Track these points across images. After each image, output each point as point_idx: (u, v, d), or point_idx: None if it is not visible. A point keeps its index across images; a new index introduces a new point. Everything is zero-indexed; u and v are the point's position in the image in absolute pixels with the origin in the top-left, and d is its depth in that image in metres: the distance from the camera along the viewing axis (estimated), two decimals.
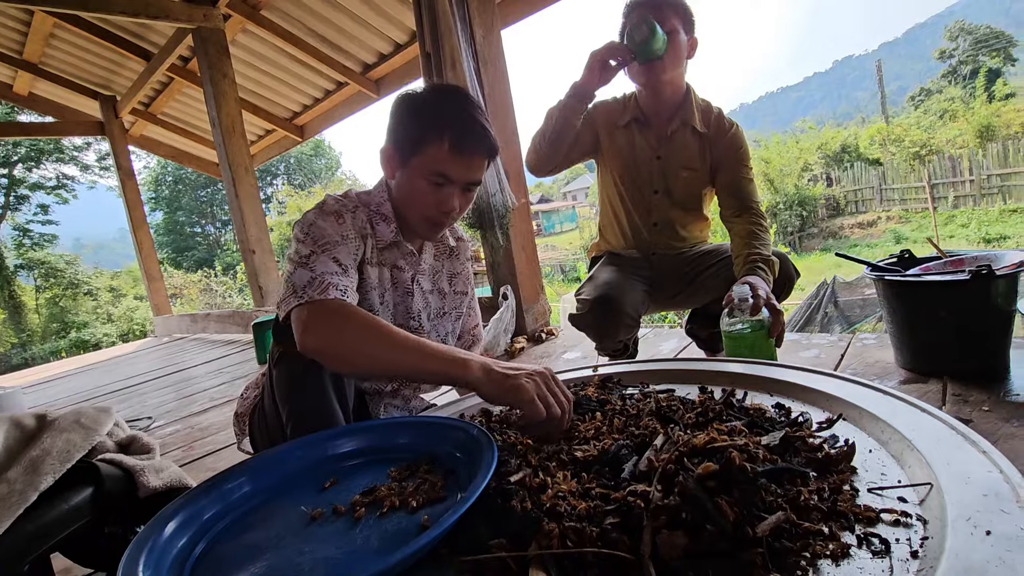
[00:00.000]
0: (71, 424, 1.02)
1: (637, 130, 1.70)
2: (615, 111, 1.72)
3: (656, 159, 1.69)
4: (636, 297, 1.64)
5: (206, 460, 1.87)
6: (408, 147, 1.07)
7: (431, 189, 1.08)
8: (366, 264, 1.15)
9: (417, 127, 1.06)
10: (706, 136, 1.66)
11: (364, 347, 0.92)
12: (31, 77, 5.47)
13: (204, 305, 18.27)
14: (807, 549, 0.54)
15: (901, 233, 16.67)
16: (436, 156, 1.05)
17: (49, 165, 19.88)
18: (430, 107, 1.07)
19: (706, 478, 0.59)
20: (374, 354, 0.91)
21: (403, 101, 1.10)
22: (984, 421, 1.14)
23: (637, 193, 1.75)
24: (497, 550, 0.60)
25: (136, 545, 0.65)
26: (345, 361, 0.93)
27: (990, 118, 19.40)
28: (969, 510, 0.52)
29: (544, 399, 0.84)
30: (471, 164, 1.07)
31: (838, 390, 0.87)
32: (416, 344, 0.92)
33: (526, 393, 0.83)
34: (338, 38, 4.26)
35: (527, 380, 0.84)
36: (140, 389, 3.53)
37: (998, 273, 1.27)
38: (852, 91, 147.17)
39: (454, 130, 1.04)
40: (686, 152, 1.68)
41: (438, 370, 0.90)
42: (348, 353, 0.92)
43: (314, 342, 0.93)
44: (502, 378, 0.85)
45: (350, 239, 1.07)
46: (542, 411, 0.83)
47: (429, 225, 1.14)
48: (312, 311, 0.94)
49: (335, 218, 1.08)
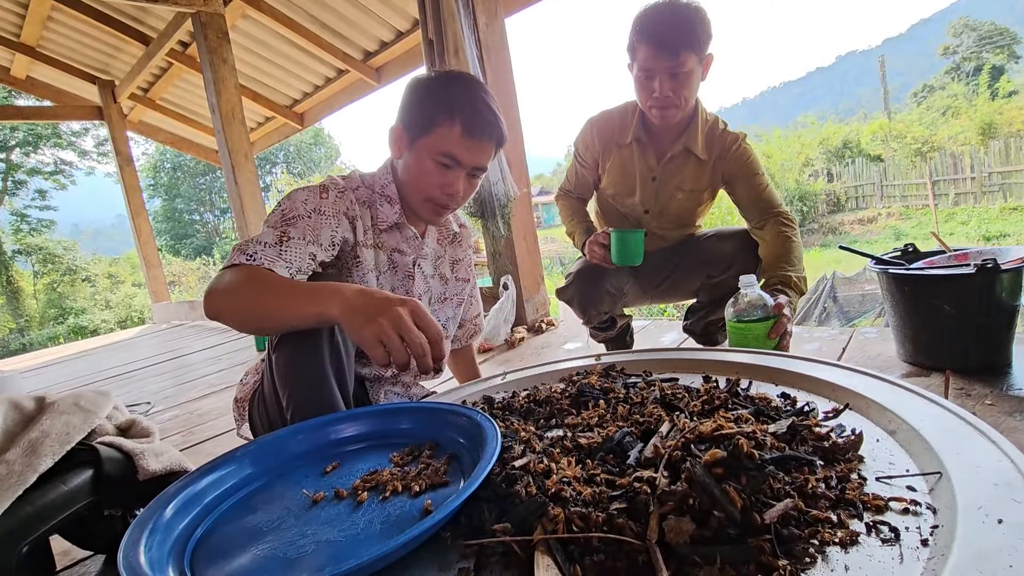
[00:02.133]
0: (70, 407, 1.01)
1: (637, 149, 1.64)
2: (617, 127, 1.66)
3: (652, 180, 1.66)
4: (621, 273, 1.71)
5: (205, 445, 1.87)
6: (418, 127, 1.08)
7: (437, 170, 1.08)
8: (360, 246, 1.14)
9: (429, 108, 1.06)
10: (706, 161, 1.61)
11: (239, 303, 0.91)
12: (29, 60, 5.40)
13: (202, 293, 18.24)
14: (815, 536, 0.53)
15: (901, 230, 16.64)
16: (446, 137, 1.05)
17: (47, 150, 19.73)
18: (443, 89, 1.07)
19: (713, 464, 0.58)
20: (245, 307, 0.91)
21: (416, 83, 1.10)
22: (987, 415, 1.13)
23: (628, 209, 1.74)
24: (501, 535, 0.59)
25: (137, 526, 0.64)
26: (231, 320, 0.93)
27: (992, 115, 19.35)
28: (980, 499, 0.52)
29: (388, 341, 0.77)
30: (480, 149, 1.07)
31: (844, 380, 0.86)
32: (287, 286, 0.90)
33: (368, 336, 0.77)
34: (339, 25, 4.21)
35: (375, 323, 0.77)
36: (138, 375, 3.52)
37: (1004, 267, 1.26)
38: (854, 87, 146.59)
39: (465, 113, 1.04)
40: (683, 174, 1.64)
41: (298, 310, 0.87)
42: (232, 312, 0.93)
43: (208, 308, 0.94)
44: (357, 318, 0.80)
45: (324, 214, 1.05)
46: (383, 356, 0.77)
47: (432, 207, 1.14)
48: (216, 279, 0.95)
49: (319, 192, 1.08)
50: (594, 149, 1.71)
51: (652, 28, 1.39)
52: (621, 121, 1.66)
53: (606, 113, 1.70)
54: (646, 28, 1.40)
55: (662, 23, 1.39)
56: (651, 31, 1.39)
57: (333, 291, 0.85)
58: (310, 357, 0.98)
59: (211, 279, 0.97)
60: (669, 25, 1.38)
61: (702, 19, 1.40)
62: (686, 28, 1.38)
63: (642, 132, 1.63)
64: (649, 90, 1.46)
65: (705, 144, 1.60)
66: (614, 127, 1.67)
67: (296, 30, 4.27)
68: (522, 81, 2.88)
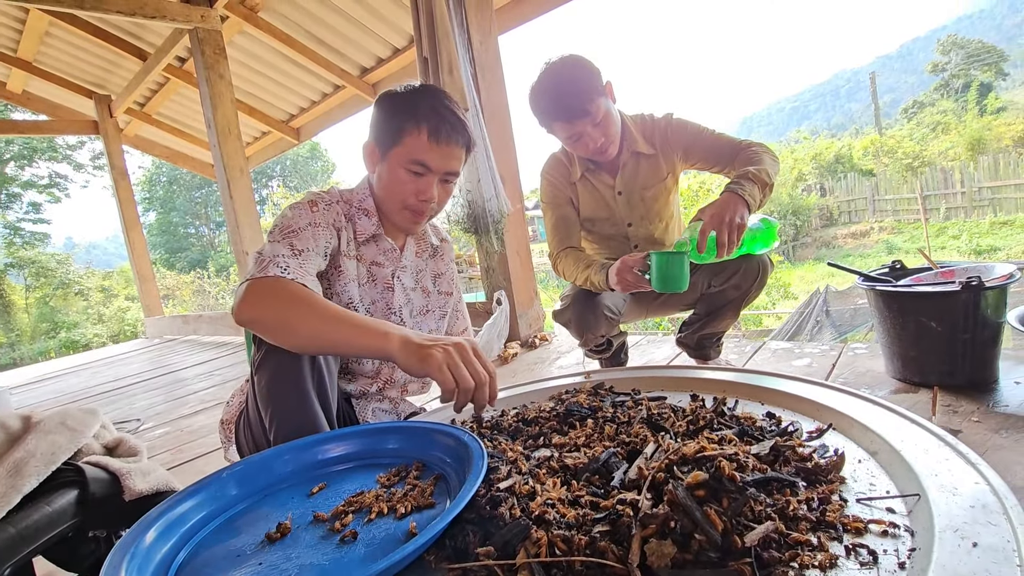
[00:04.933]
0: (56, 426, 1.00)
1: (592, 178, 1.70)
2: (566, 167, 1.72)
3: (618, 195, 1.70)
4: (617, 294, 1.68)
5: (195, 463, 1.85)
6: (388, 139, 1.12)
7: (410, 178, 1.12)
8: (343, 256, 1.17)
9: (396, 120, 1.11)
10: (655, 154, 1.66)
11: (289, 317, 0.93)
12: (25, 75, 5.43)
13: (196, 306, 18.14)
14: (795, 559, 0.53)
15: (894, 244, 16.80)
16: (414, 146, 1.10)
17: (42, 163, 19.72)
18: (407, 101, 1.12)
19: (695, 487, 0.59)
20: (298, 324, 0.93)
21: (383, 98, 1.16)
22: (973, 432, 1.14)
23: (612, 229, 1.76)
24: (484, 558, 0.59)
25: (119, 550, 0.64)
26: (271, 330, 0.95)
27: (981, 131, 19.65)
28: (956, 521, 0.52)
29: (454, 368, 0.83)
30: (449, 153, 1.12)
31: (829, 400, 0.87)
32: (340, 315, 0.93)
33: (434, 362, 0.83)
34: (336, 41, 4.26)
35: (439, 351, 0.84)
36: (129, 390, 3.49)
37: (988, 285, 1.28)
38: (846, 102, 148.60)
39: (430, 121, 1.09)
40: (641, 175, 1.67)
41: (360, 341, 0.91)
42: (274, 322, 0.94)
43: (245, 312, 0.95)
44: (416, 348, 0.86)
45: (319, 225, 1.11)
46: (451, 380, 0.83)
47: (409, 215, 1.18)
48: (249, 287, 0.97)
49: (309, 207, 1.12)
50: (562, 190, 1.74)
51: (555, 106, 1.47)
52: (567, 160, 1.72)
53: (553, 158, 1.76)
54: (550, 109, 1.48)
55: (561, 97, 1.45)
56: (555, 109, 1.47)
57: (388, 328, 0.91)
58: (290, 378, 0.99)
59: (243, 286, 0.99)
60: (567, 95, 1.45)
61: (586, 68, 1.47)
62: (581, 88, 1.44)
63: (587, 163, 1.69)
64: (584, 148, 1.54)
65: (646, 139, 1.65)
66: (564, 167, 1.73)
67: (293, 46, 4.31)
68: (515, 97, 2.92)
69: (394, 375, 1.30)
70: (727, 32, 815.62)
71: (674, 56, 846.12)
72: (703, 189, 10.82)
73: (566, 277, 1.70)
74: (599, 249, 1.82)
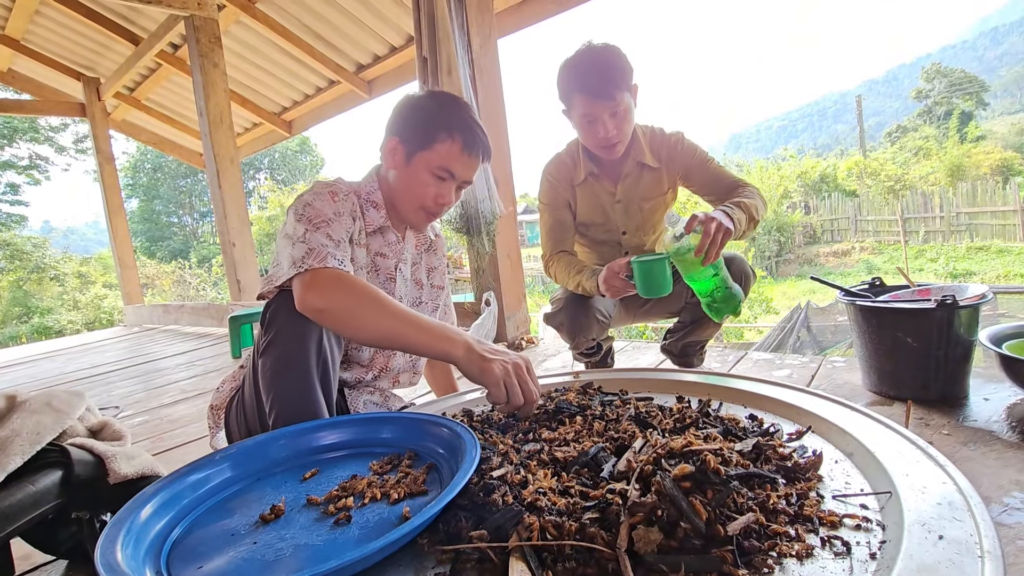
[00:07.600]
0: (42, 406, 1.00)
1: (594, 182, 1.72)
2: (569, 169, 1.73)
3: (617, 203, 1.72)
4: (607, 298, 1.69)
5: (175, 452, 1.84)
6: (417, 142, 1.15)
7: (433, 182, 1.16)
8: (355, 244, 1.20)
9: (430, 125, 1.14)
10: (659, 168, 1.69)
11: (361, 311, 0.97)
12: (11, 53, 5.33)
13: (176, 297, 17.84)
14: (774, 549, 0.56)
15: (874, 264, 17.16)
16: (446, 153, 1.14)
17: (22, 143, 19.28)
18: (441, 109, 1.16)
19: (682, 479, 0.61)
20: (370, 319, 0.97)
21: (414, 101, 1.19)
22: (943, 444, 1.19)
23: (606, 235, 1.79)
24: (478, 541, 0.61)
25: (115, 524, 0.64)
26: (342, 322, 0.99)
27: (961, 158, 20.21)
28: (924, 517, 0.56)
29: (509, 385, 0.91)
30: (473, 165, 1.18)
31: (808, 404, 0.91)
32: (409, 315, 0.99)
33: (493, 376, 0.90)
34: (333, 36, 4.26)
35: (498, 365, 0.91)
36: (107, 378, 3.43)
37: (961, 304, 1.33)
38: (833, 123, 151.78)
39: (465, 133, 1.14)
40: (643, 187, 1.70)
41: (428, 342, 0.96)
42: (346, 314, 0.98)
43: (316, 301, 0.97)
44: (479, 358, 0.92)
45: (343, 215, 1.13)
46: (503, 395, 0.91)
47: (424, 215, 1.22)
48: (314, 276, 0.99)
49: (330, 196, 1.14)
50: (562, 192, 1.76)
51: (583, 79, 1.48)
52: (571, 162, 1.73)
53: (557, 158, 1.77)
54: (577, 79, 1.49)
55: (592, 72, 1.47)
56: (583, 82, 1.48)
57: (454, 333, 0.97)
58: (297, 363, 1.00)
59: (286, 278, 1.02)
60: (599, 72, 1.46)
61: (623, 57, 1.49)
62: (614, 71, 1.46)
63: (592, 166, 1.70)
64: (594, 133, 1.54)
65: (652, 152, 1.68)
66: (568, 169, 1.74)
67: (289, 39, 4.30)
68: (511, 100, 2.96)
69: (389, 364, 1.32)
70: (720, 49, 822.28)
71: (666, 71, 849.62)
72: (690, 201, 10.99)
73: (558, 281, 1.72)
74: (591, 253, 1.85)
